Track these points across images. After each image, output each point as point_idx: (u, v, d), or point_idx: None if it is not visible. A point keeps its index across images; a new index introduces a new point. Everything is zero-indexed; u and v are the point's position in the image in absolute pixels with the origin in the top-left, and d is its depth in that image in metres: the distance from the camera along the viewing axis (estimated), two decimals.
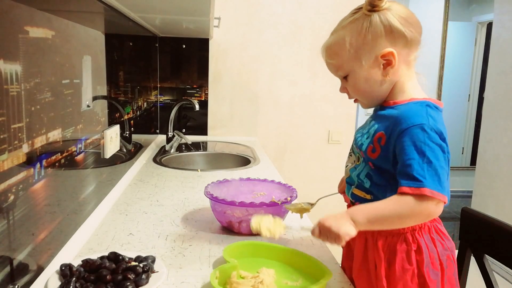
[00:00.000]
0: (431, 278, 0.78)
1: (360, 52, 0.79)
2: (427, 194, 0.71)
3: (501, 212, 2.86)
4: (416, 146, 0.72)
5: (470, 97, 4.84)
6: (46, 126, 0.80)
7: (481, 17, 4.64)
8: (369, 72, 0.80)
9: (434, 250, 0.80)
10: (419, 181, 0.71)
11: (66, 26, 0.93)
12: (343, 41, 0.79)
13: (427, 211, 0.72)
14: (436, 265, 0.79)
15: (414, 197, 0.71)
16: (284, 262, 0.88)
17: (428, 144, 0.72)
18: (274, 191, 1.17)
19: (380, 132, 0.79)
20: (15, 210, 0.67)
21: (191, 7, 1.42)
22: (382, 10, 0.77)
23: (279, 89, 2.45)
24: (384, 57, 0.78)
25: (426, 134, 0.73)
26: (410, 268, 0.78)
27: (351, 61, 0.80)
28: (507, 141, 2.85)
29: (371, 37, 0.77)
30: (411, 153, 0.72)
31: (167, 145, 2.09)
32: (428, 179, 0.71)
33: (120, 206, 1.22)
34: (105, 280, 0.74)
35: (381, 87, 0.81)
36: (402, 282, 0.79)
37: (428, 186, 0.71)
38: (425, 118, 0.74)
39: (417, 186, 0.71)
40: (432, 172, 0.72)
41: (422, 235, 0.80)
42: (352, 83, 0.83)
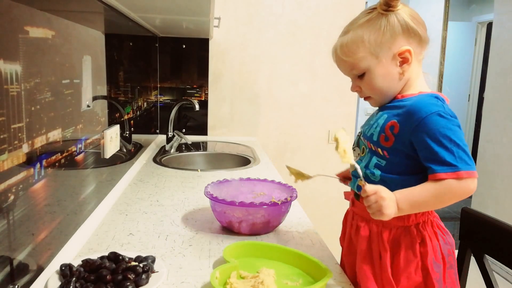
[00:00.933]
0: (434, 270, 0.80)
1: (378, 49, 0.81)
2: (464, 176, 0.74)
3: (501, 212, 2.86)
4: (441, 133, 0.75)
5: (470, 97, 4.84)
6: (46, 126, 0.80)
7: (481, 17, 4.65)
8: (387, 69, 0.82)
9: (437, 244, 0.82)
10: (454, 166, 0.74)
11: (66, 26, 0.93)
12: (361, 39, 0.81)
13: (468, 190, 0.75)
14: (438, 258, 0.82)
15: (452, 180, 0.74)
16: (284, 262, 0.88)
17: (450, 128, 0.75)
18: (274, 191, 1.17)
19: (392, 121, 0.81)
20: (15, 210, 0.67)
21: (191, 7, 1.42)
22: (396, 10, 0.80)
23: (279, 89, 2.45)
24: (401, 55, 0.81)
25: (445, 119, 0.76)
26: (415, 260, 0.81)
27: (369, 58, 0.82)
28: (507, 141, 2.85)
29: (389, 35, 0.80)
30: (438, 140, 0.75)
31: (167, 145, 2.09)
32: (460, 162, 0.74)
33: (120, 206, 1.22)
34: (105, 280, 0.74)
35: (397, 84, 0.84)
36: (406, 273, 0.81)
37: (463, 169, 0.74)
38: (440, 106, 0.78)
39: (453, 170, 0.74)
40: (461, 154, 0.75)
41: (426, 229, 0.82)
42: (369, 81, 0.84)
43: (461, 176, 0.74)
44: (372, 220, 0.84)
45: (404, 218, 0.82)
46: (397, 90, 0.85)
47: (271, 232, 1.06)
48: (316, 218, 1.20)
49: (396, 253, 0.82)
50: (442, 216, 0.81)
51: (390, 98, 0.86)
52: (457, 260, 1.06)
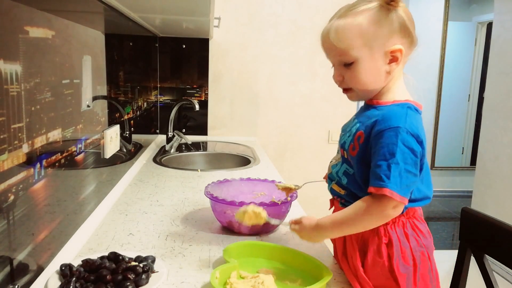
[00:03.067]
0: (401, 271, 0.79)
1: (373, 42, 0.78)
2: (387, 194, 0.73)
3: (501, 212, 2.86)
4: (388, 148, 0.74)
5: (470, 97, 4.84)
6: (46, 126, 0.80)
7: (481, 17, 4.64)
8: (376, 64, 0.80)
9: (407, 245, 0.80)
10: (383, 181, 0.73)
11: (66, 26, 0.93)
12: (358, 27, 0.78)
13: (384, 212, 0.75)
14: (407, 259, 0.80)
15: (373, 196, 0.74)
16: (284, 262, 0.88)
17: (399, 147, 0.73)
18: (274, 191, 1.17)
19: (360, 131, 0.81)
20: (15, 210, 0.67)
21: (191, 7, 1.42)
22: (397, 7, 0.78)
23: (279, 89, 2.45)
24: (392, 53, 0.79)
25: (400, 136, 0.74)
26: (380, 260, 0.80)
27: (362, 49, 0.78)
28: (507, 141, 2.85)
29: (386, 31, 0.78)
30: (382, 154, 0.74)
31: (167, 145, 2.09)
32: (391, 180, 0.73)
33: (120, 206, 1.22)
34: (105, 280, 0.74)
35: (381, 81, 0.82)
36: (374, 273, 0.81)
37: (389, 187, 0.72)
38: (403, 121, 0.75)
39: (380, 186, 0.73)
40: (396, 173, 0.73)
41: (395, 229, 0.80)
42: (355, 72, 0.81)
43: (383, 193, 0.72)
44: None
45: None
46: (379, 87, 0.83)
47: (271, 232, 1.06)
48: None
49: (365, 254, 0.82)
50: (442, 216, 0.81)
51: (370, 95, 0.84)
52: (457, 260, 1.06)
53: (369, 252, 0.81)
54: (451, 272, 1.05)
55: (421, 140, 0.75)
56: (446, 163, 4.79)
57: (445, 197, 4.67)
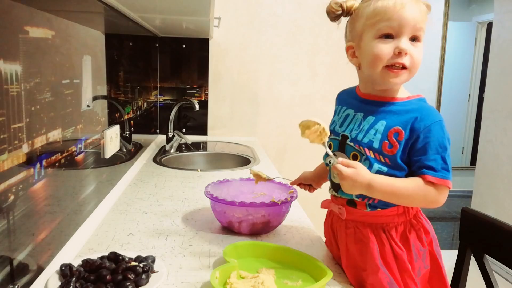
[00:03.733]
0: (440, 253, 0.84)
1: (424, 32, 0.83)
2: (448, 186, 0.78)
3: (501, 212, 2.86)
4: (439, 141, 0.79)
5: (470, 97, 4.84)
6: (46, 126, 0.80)
7: (481, 17, 4.64)
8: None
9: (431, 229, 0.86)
10: (443, 173, 0.78)
11: (66, 26, 0.93)
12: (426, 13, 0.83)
13: (441, 200, 0.79)
14: (437, 242, 0.85)
15: (436, 186, 0.78)
16: (284, 262, 0.88)
17: (448, 138, 0.80)
18: (274, 191, 1.17)
19: (396, 128, 0.80)
20: (15, 210, 0.67)
21: (191, 7, 1.42)
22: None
23: (279, 89, 2.45)
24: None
25: (444, 129, 0.80)
26: (425, 250, 0.83)
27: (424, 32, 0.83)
28: (507, 141, 2.85)
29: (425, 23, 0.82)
30: (435, 148, 0.79)
31: (167, 145, 2.09)
32: (450, 172, 0.79)
33: (120, 206, 1.22)
34: (105, 280, 0.74)
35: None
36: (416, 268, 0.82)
37: (449, 178, 0.78)
38: (438, 115, 0.81)
39: (442, 177, 0.77)
40: (450, 164, 0.79)
41: (422, 216, 0.85)
42: (419, 52, 0.82)
43: (446, 185, 0.78)
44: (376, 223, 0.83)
45: (405, 213, 0.83)
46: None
47: (271, 232, 1.06)
48: (316, 218, 1.20)
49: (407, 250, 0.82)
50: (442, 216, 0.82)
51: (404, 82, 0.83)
52: (457, 260, 1.06)
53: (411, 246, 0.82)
54: (451, 272, 1.05)
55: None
56: None
57: None
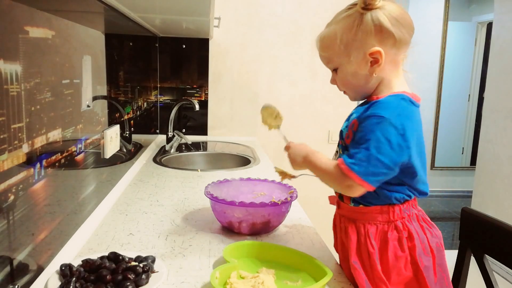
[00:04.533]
0: (424, 264, 0.80)
1: (349, 48, 0.81)
2: (344, 171, 0.77)
3: (501, 212, 2.86)
4: (366, 133, 0.77)
5: (470, 97, 4.84)
6: (46, 126, 0.80)
7: (481, 17, 4.64)
8: (356, 68, 0.82)
9: (424, 237, 0.82)
10: (348, 158, 0.77)
11: (66, 26, 0.93)
12: (335, 36, 0.82)
13: (340, 185, 0.80)
14: (427, 251, 0.81)
15: (341, 169, 0.78)
16: (284, 262, 0.88)
17: (376, 135, 0.75)
18: (274, 191, 1.17)
19: (354, 119, 0.83)
20: (15, 210, 0.67)
21: (191, 7, 1.42)
22: (375, 8, 0.78)
23: (279, 89, 2.45)
24: (372, 55, 0.80)
25: (380, 125, 0.75)
26: (403, 255, 0.80)
27: (341, 55, 0.82)
28: (507, 141, 2.85)
29: (361, 35, 0.79)
30: (359, 137, 0.78)
31: (167, 145, 2.09)
32: (354, 161, 0.76)
33: (120, 206, 1.22)
34: (105, 280, 0.74)
35: (367, 83, 0.84)
36: (395, 269, 0.80)
37: (349, 166, 0.76)
38: (390, 112, 0.77)
39: (344, 161, 0.78)
40: (363, 157, 0.76)
41: (412, 222, 0.82)
42: (341, 77, 0.86)
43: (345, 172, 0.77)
44: (358, 219, 0.85)
45: (389, 214, 0.82)
46: (370, 88, 0.84)
47: (271, 232, 1.06)
48: (316, 218, 1.21)
49: (384, 250, 0.81)
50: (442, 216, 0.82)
51: (364, 95, 0.87)
52: (457, 260, 1.06)
53: (389, 248, 0.81)
54: (451, 272, 1.05)
55: (403, 133, 0.76)
56: (446, 163, 4.79)
57: (445, 197, 4.67)
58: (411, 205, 0.83)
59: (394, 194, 0.81)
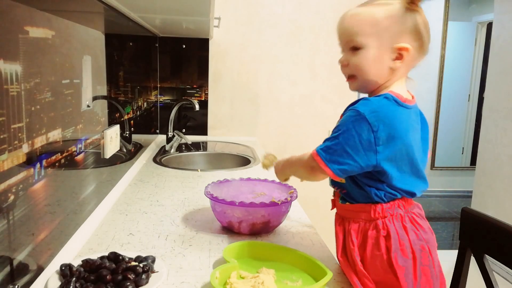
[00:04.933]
0: (399, 264, 0.79)
1: (382, 34, 0.81)
2: (314, 157, 0.81)
3: (501, 212, 2.86)
4: (340, 124, 0.80)
5: (470, 97, 4.84)
6: (46, 126, 0.80)
7: (481, 17, 4.64)
8: (380, 56, 0.81)
9: (406, 238, 0.81)
10: (320, 146, 0.82)
11: (66, 26, 0.93)
12: (372, 16, 0.81)
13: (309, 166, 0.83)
14: (406, 252, 0.80)
15: (311, 154, 0.82)
16: (284, 262, 0.88)
17: (348, 127, 0.78)
18: (274, 191, 1.17)
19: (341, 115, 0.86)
20: (15, 210, 0.67)
21: (191, 7, 1.42)
22: (416, 9, 0.81)
23: (279, 89, 2.45)
24: (400, 50, 0.81)
25: (353, 119, 0.77)
26: (379, 253, 0.80)
27: (370, 37, 0.81)
28: (507, 141, 2.85)
29: (397, 27, 0.81)
30: (335, 127, 0.82)
31: (167, 145, 2.09)
32: (322, 146, 0.81)
33: (120, 206, 1.22)
34: (105, 280, 0.74)
35: (382, 75, 0.83)
36: (372, 267, 0.81)
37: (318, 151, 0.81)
38: (367, 108, 0.77)
39: (316, 148, 0.82)
40: (330, 144, 0.80)
41: (393, 222, 0.81)
42: (360, 58, 0.82)
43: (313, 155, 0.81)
44: (346, 217, 0.87)
45: (370, 212, 0.82)
46: (379, 81, 0.83)
47: (271, 232, 1.06)
48: (316, 218, 1.21)
49: (363, 248, 0.82)
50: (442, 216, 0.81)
51: (370, 87, 0.85)
52: (457, 260, 1.06)
53: (367, 246, 0.81)
54: (451, 272, 1.05)
55: (376, 130, 0.76)
56: (446, 163, 4.79)
57: (445, 197, 4.67)
58: (397, 205, 0.82)
59: (373, 190, 0.81)
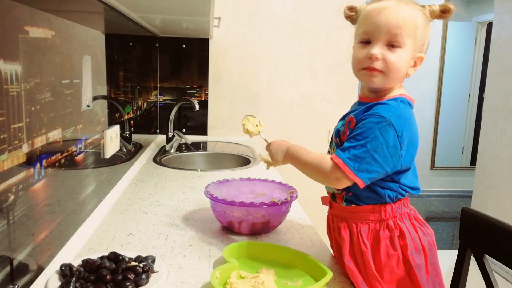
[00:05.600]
0: (416, 262, 0.81)
1: (418, 39, 0.82)
2: (340, 165, 0.77)
3: (501, 212, 2.86)
4: (365, 131, 0.77)
5: (470, 97, 4.83)
6: (46, 126, 0.80)
7: (481, 17, 4.64)
8: (409, 58, 0.83)
9: (416, 236, 0.83)
10: (343, 152, 0.78)
11: (66, 26, 0.93)
12: (415, 19, 0.81)
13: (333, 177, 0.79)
14: (419, 249, 0.82)
15: (335, 163, 0.78)
16: (284, 262, 0.88)
17: (375, 134, 0.76)
18: (274, 191, 1.17)
19: (350, 116, 0.84)
20: (15, 210, 0.67)
21: (191, 7, 1.42)
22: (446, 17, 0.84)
23: (279, 89, 2.45)
24: (418, 59, 0.84)
25: (380, 125, 0.76)
26: (395, 253, 0.81)
27: (411, 39, 0.81)
28: (507, 141, 2.85)
29: (425, 37, 0.84)
30: (357, 134, 0.78)
31: (167, 145, 2.09)
32: (350, 155, 0.77)
33: (120, 206, 1.22)
34: (105, 280, 0.74)
35: (402, 77, 0.84)
36: (388, 268, 0.81)
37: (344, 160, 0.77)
38: (391, 113, 0.77)
39: (338, 155, 0.78)
40: (358, 153, 0.77)
41: (403, 221, 0.83)
42: (397, 56, 0.81)
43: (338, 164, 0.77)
44: (350, 218, 0.85)
45: (381, 213, 0.82)
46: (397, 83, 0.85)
47: (271, 232, 1.06)
48: (316, 218, 1.20)
49: (376, 248, 0.82)
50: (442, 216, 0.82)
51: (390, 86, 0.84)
52: (457, 260, 1.06)
53: (381, 246, 0.81)
54: (451, 272, 1.05)
55: (401, 135, 0.77)
56: (446, 163, 4.79)
57: (445, 197, 4.67)
58: (403, 204, 0.84)
59: (388, 192, 0.82)
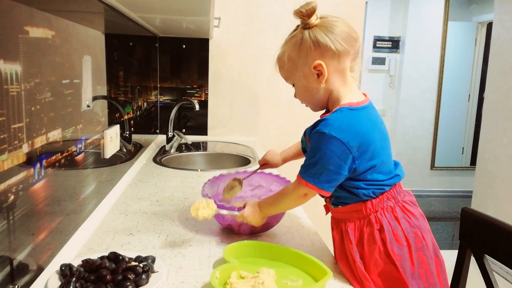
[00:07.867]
0: (396, 253, 0.84)
1: (297, 65, 0.89)
2: (302, 183, 0.86)
3: (501, 212, 2.86)
4: (313, 149, 0.85)
5: (470, 97, 4.83)
6: (46, 126, 0.80)
7: (481, 17, 4.64)
8: (306, 82, 0.89)
9: (398, 228, 0.85)
10: (302, 173, 0.86)
11: (66, 26, 0.93)
12: (283, 56, 0.91)
13: (302, 194, 0.88)
14: (401, 241, 0.85)
15: (300, 183, 0.87)
16: (284, 262, 0.88)
17: (321, 149, 0.83)
18: (272, 183, 1.17)
19: (306, 136, 0.93)
20: (15, 210, 0.67)
21: (191, 7, 1.42)
22: (313, 26, 0.86)
23: (279, 89, 2.45)
24: (315, 68, 0.87)
25: (323, 141, 0.83)
26: (375, 246, 0.84)
27: (292, 72, 0.91)
28: (507, 141, 2.85)
29: (304, 52, 0.87)
30: (309, 152, 0.87)
31: (167, 145, 2.09)
32: (307, 173, 0.85)
33: (120, 206, 1.22)
34: (105, 280, 0.74)
35: (318, 94, 0.90)
36: (373, 260, 0.84)
37: (305, 179, 0.86)
38: (329, 127, 0.83)
39: (300, 174, 0.87)
40: (314, 170, 0.84)
41: (385, 215, 0.86)
42: (297, 91, 0.95)
43: (300, 181, 0.86)
44: (340, 219, 0.91)
45: (362, 209, 0.87)
46: (322, 98, 0.91)
47: (271, 232, 1.06)
48: (316, 218, 1.20)
49: (361, 244, 0.86)
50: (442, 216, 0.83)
51: (321, 106, 0.94)
52: (457, 260, 1.06)
53: (364, 241, 0.86)
54: (451, 272, 1.05)
55: (346, 142, 0.81)
56: (446, 163, 4.79)
57: (445, 197, 4.67)
58: (386, 198, 0.87)
59: (361, 190, 0.86)
